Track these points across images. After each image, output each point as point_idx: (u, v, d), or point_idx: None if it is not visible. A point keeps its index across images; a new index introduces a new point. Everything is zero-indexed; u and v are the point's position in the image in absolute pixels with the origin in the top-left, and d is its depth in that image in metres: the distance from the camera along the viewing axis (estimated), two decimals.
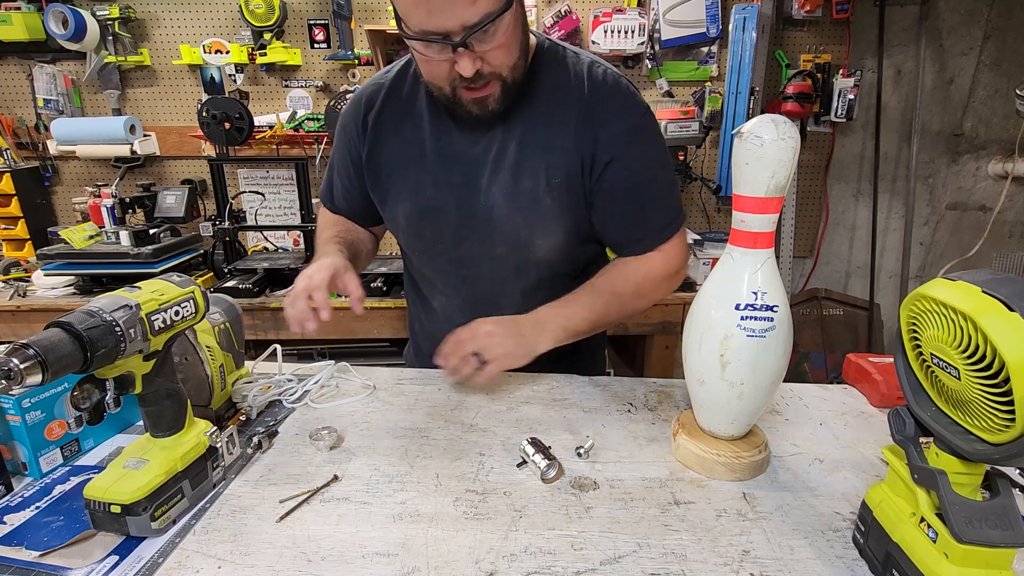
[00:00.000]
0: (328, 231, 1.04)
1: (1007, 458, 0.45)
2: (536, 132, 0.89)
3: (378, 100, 0.95)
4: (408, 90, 0.95)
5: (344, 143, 1.01)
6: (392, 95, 0.95)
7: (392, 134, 0.95)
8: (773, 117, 0.62)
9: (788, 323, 0.67)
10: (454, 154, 0.92)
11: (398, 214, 0.97)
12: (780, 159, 0.61)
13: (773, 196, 0.63)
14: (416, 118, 0.93)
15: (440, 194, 0.93)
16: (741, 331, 0.65)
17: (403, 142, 0.94)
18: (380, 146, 0.96)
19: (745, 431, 0.74)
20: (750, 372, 0.67)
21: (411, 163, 0.94)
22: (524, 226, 0.91)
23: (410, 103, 0.94)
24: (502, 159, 0.90)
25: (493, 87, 0.81)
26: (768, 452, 0.75)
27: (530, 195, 0.89)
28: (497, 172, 0.90)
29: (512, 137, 0.89)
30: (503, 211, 0.91)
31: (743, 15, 2.22)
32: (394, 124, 0.95)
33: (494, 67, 0.79)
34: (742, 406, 0.69)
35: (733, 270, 0.67)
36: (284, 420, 0.85)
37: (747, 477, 0.72)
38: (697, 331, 0.70)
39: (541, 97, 0.89)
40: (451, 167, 0.92)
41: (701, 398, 0.72)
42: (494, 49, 0.76)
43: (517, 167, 0.89)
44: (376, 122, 0.95)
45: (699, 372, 0.70)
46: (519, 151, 0.89)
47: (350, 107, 0.99)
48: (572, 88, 0.89)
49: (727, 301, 0.66)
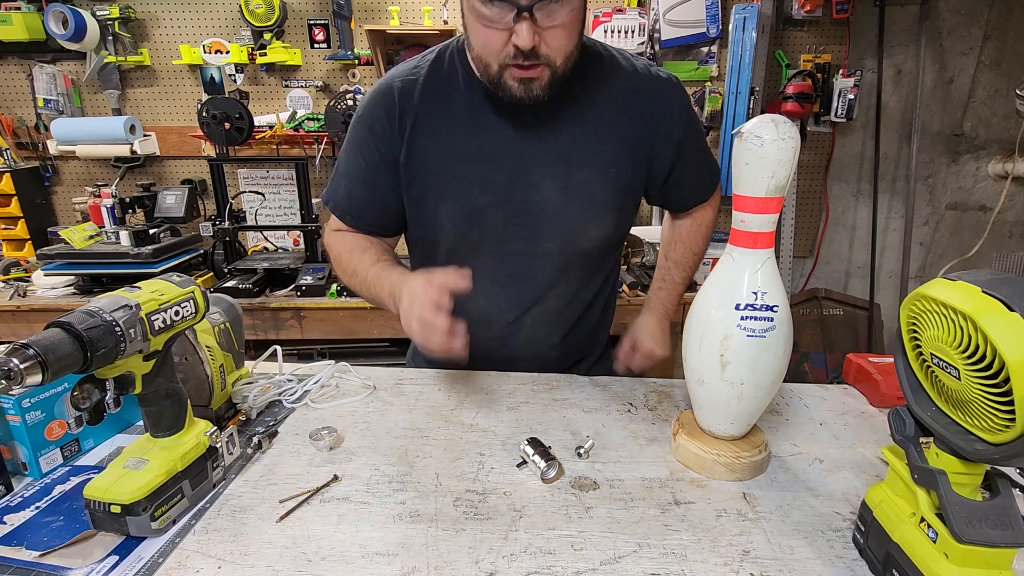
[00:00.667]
0: (366, 257, 0.93)
1: (1007, 458, 0.45)
2: (588, 124, 0.89)
3: (415, 97, 0.89)
4: (444, 86, 0.90)
5: (372, 144, 0.92)
6: (428, 92, 0.90)
7: (431, 133, 0.90)
8: (773, 117, 0.62)
9: (788, 323, 0.67)
10: (499, 151, 0.89)
11: (440, 216, 0.92)
12: (780, 159, 0.61)
13: (773, 196, 0.63)
14: (456, 115, 0.89)
15: (487, 193, 0.90)
16: (741, 331, 0.65)
17: (444, 141, 0.90)
18: (420, 146, 0.90)
19: (745, 431, 0.74)
20: (750, 372, 0.66)
21: (454, 163, 0.90)
22: (578, 218, 0.92)
23: (447, 99, 0.90)
24: (552, 153, 0.89)
25: (542, 71, 0.79)
26: (768, 452, 0.75)
27: (586, 187, 0.90)
28: (548, 166, 0.89)
29: (562, 131, 0.89)
30: (556, 205, 0.90)
31: (743, 15, 2.22)
32: (433, 122, 0.90)
33: (551, 49, 0.77)
34: (742, 406, 0.69)
35: (733, 270, 0.67)
36: (284, 420, 0.85)
37: (747, 477, 0.72)
38: (697, 331, 0.70)
39: (588, 89, 0.89)
40: (497, 164, 0.89)
41: (701, 398, 0.72)
42: (556, 28, 0.75)
43: (571, 160, 0.89)
44: (415, 121, 0.89)
45: (699, 372, 0.70)
46: (571, 143, 0.89)
47: (377, 106, 0.91)
48: (622, 82, 0.91)
49: (727, 301, 0.66)
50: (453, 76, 0.90)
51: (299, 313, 2.03)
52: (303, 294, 2.02)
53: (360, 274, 0.93)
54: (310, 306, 2.01)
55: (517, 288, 0.98)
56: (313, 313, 2.03)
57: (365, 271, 0.92)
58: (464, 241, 0.94)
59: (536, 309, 0.99)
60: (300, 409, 0.89)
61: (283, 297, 2.04)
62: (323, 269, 2.10)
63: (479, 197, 0.90)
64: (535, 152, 0.89)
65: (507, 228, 0.92)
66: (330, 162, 2.36)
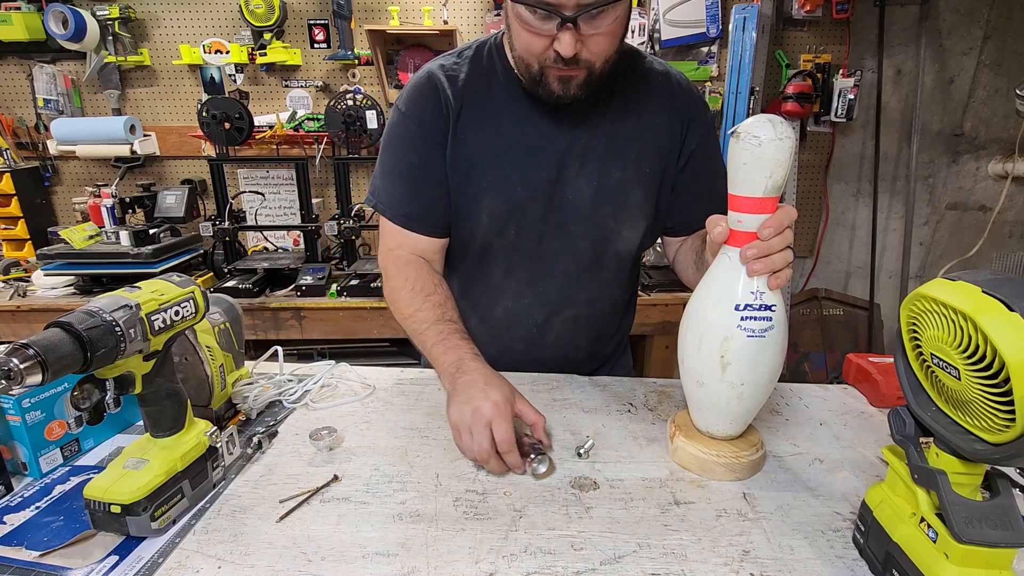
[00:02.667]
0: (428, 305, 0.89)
1: (1007, 458, 0.45)
2: (626, 125, 0.90)
3: (459, 86, 0.89)
4: (486, 80, 0.90)
5: (423, 137, 0.90)
6: (471, 83, 0.90)
7: (477, 125, 0.90)
8: (770, 117, 0.62)
9: (785, 322, 0.67)
10: (539, 147, 0.89)
11: (479, 211, 0.91)
12: (778, 159, 0.61)
13: (770, 196, 0.63)
14: (499, 109, 0.90)
15: (527, 189, 0.90)
16: (741, 332, 0.65)
17: (487, 134, 0.90)
18: (464, 137, 0.90)
19: (743, 430, 0.74)
20: (750, 372, 0.66)
21: (497, 157, 0.90)
22: (612, 217, 0.92)
23: (490, 93, 0.90)
24: (590, 151, 0.90)
25: (580, 72, 0.79)
26: (765, 450, 0.75)
27: (620, 186, 0.91)
28: (585, 164, 0.90)
29: (601, 130, 0.90)
30: (591, 203, 0.91)
31: (743, 15, 2.22)
32: (477, 114, 0.90)
33: (592, 54, 0.77)
34: (742, 406, 0.69)
35: (731, 271, 0.66)
36: (284, 420, 0.85)
37: (746, 476, 0.72)
38: (695, 333, 0.69)
39: (627, 91, 0.91)
40: (537, 160, 0.90)
41: (699, 399, 0.72)
42: (599, 35, 0.75)
43: (607, 159, 0.90)
44: (460, 110, 0.89)
45: (698, 374, 0.70)
46: (609, 143, 0.90)
47: (423, 98, 0.90)
48: (657, 84, 0.93)
49: (726, 302, 0.66)
50: (492, 71, 0.91)
51: (299, 313, 2.03)
52: (303, 294, 2.02)
53: (418, 323, 0.88)
54: (310, 306, 2.01)
55: (547, 289, 0.98)
56: (313, 313, 2.03)
57: (426, 324, 0.87)
58: (500, 236, 0.94)
59: (566, 312, 0.98)
60: (300, 409, 0.89)
61: (283, 297, 2.04)
62: (323, 269, 2.10)
63: (520, 192, 0.90)
64: (574, 149, 0.90)
65: (544, 225, 0.93)
66: (330, 162, 2.36)
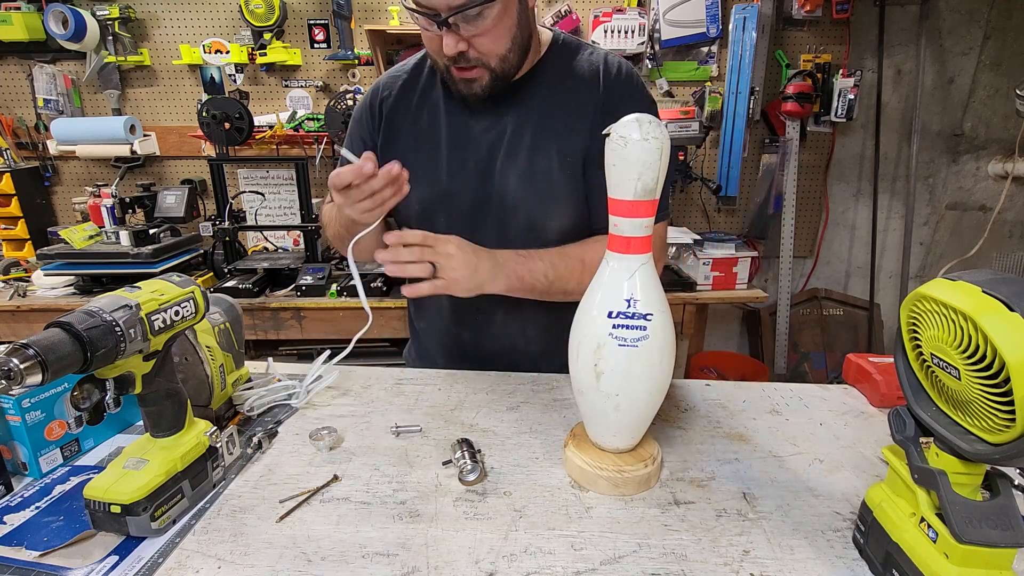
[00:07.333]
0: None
1: (1007, 458, 0.45)
2: (553, 118, 0.93)
3: (394, 89, 0.99)
4: (425, 81, 0.98)
5: (357, 133, 1.02)
6: (408, 85, 0.99)
7: (407, 122, 0.98)
8: (639, 117, 0.59)
9: (665, 332, 0.63)
10: (468, 141, 0.95)
11: (412, 201, 0.94)
12: (645, 160, 0.58)
13: (642, 199, 0.60)
14: (432, 108, 0.97)
15: (454, 180, 0.95)
16: (613, 339, 0.62)
17: (418, 130, 0.97)
18: (395, 134, 0.99)
19: (632, 443, 0.70)
20: (624, 383, 0.63)
21: (426, 151, 0.96)
22: (537, 207, 0.94)
23: (426, 93, 0.98)
24: (517, 143, 0.93)
25: (480, 72, 0.85)
26: (657, 465, 0.70)
27: (544, 175, 0.93)
28: (512, 156, 0.93)
29: (528, 123, 0.93)
30: (517, 192, 0.94)
31: (743, 15, 2.23)
32: (409, 113, 0.98)
33: (480, 53, 0.82)
34: (620, 417, 0.66)
35: (610, 276, 0.63)
36: (284, 420, 0.85)
37: (632, 492, 0.68)
38: (576, 340, 0.67)
39: (557, 86, 0.93)
40: (465, 154, 0.95)
41: (583, 409, 0.69)
42: (479, 35, 0.80)
43: (533, 150, 0.93)
44: (391, 110, 0.98)
45: (578, 382, 0.67)
46: (535, 135, 0.93)
47: (364, 98, 1.02)
48: (589, 77, 0.93)
49: (602, 309, 0.63)
50: (432, 73, 0.98)
51: (299, 313, 2.03)
52: (303, 294, 2.02)
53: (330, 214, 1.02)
54: (310, 306, 2.01)
55: None
56: (313, 313, 2.03)
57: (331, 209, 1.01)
58: (431, 225, 0.95)
59: (506, 302, 0.96)
60: (300, 409, 0.89)
61: (283, 297, 2.04)
62: (323, 269, 2.10)
63: (446, 181, 0.96)
64: (502, 142, 0.93)
65: (476, 214, 0.96)
66: (330, 162, 2.37)
